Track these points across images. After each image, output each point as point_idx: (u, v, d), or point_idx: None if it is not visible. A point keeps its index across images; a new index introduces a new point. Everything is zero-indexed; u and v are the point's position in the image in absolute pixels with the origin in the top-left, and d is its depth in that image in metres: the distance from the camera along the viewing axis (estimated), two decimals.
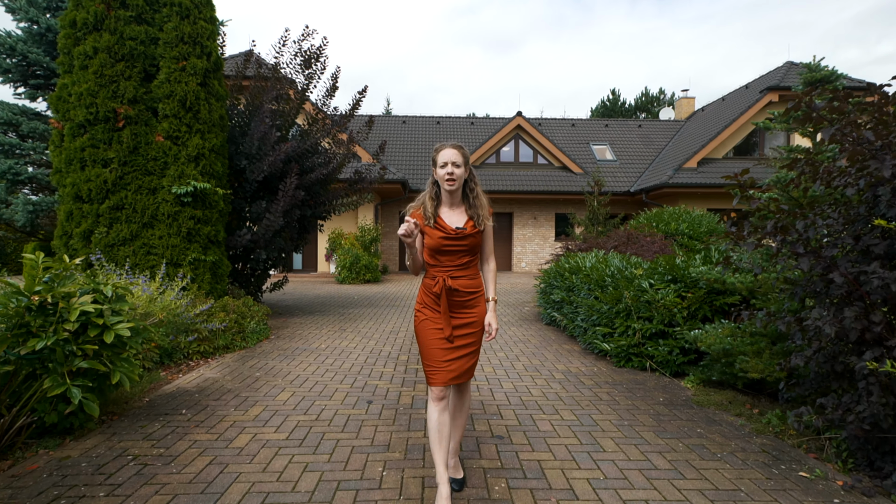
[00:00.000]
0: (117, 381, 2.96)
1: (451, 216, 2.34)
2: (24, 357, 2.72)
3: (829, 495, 2.40)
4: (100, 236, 5.72)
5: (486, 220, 2.36)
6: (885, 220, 2.28)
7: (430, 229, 2.29)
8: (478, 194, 2.38)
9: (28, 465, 2.63)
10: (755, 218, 2.90)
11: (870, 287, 2.34)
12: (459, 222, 2.32)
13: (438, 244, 2.28)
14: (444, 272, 2.30)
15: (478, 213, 2.34)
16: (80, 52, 5.75)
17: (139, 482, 2.47)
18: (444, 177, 2.27)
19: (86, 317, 2.92)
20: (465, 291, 2.32)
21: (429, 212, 2.31)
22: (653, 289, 4.97)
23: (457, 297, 2.31)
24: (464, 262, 2.33)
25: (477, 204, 2.36)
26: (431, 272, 2.35)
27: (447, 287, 2.28)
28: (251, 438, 3.06)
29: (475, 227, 2.32)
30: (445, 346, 2.30)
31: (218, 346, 5.43)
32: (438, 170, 2.30)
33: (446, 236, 2.27)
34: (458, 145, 2.30)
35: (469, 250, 2.32)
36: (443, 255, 2.30)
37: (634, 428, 3.30)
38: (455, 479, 2.47)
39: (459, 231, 2.29)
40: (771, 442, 3.05)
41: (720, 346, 3.89)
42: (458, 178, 2.28)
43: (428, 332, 2.33)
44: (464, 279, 2.32)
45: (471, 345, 2.36)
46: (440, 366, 2.28)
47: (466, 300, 2.33)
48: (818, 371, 2.74)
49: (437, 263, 2.32)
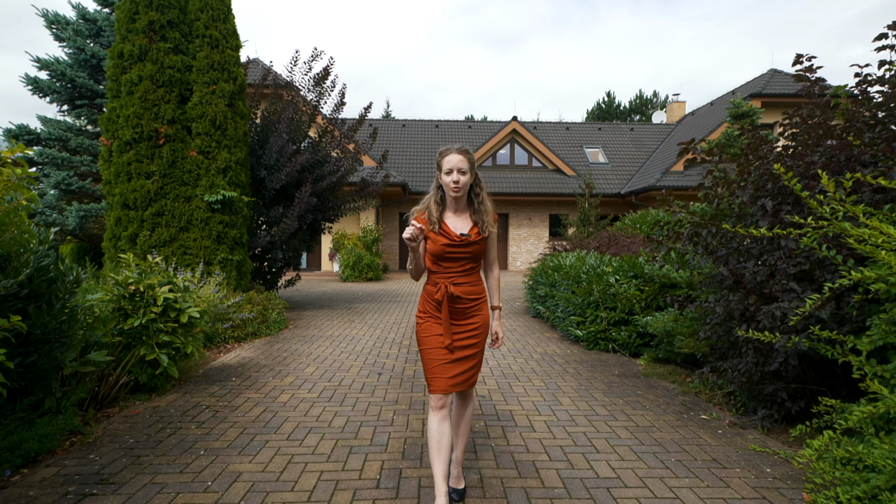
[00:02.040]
0: (190, 352, 3.88)
1: (455, 222, 2.29)
2: (125, 332, 3.64)
3: (717, 429, 3.32)
4: (144, 239, 6.64)
5: (491, 226, 2.31)
6: (756, 230, 3.20)
7: (434, 235, 2.24)
8: (483, 200, 2.32)
9: (132, 410, 3.55)
10: (671, 227, 3.82)
11: (746, 278, 3.26)
12: (464, 228, 2.27)
13: (442, 251, 2.23)
14: (447, 278, 2.26)
15: (483, 220, 2.29)
16: (127, 80, 6.66)
17: (216, 421, 3.39)
18: (450, 184, 2.21)
19: (166, 302, 3.83)
20: (467, 298, 2.27)
21: (433, 217, 2.25)
22: (618, 283, 5.88)
23: (459, 305, 2.27)
24: (467, 268, 2.28)
25: (482, 210, 2.31)
26: (433, 278, 2.31)
27: (449, 294, 2.23)
28: (291, 396, 3.97)
29: (480, 233, 2.27)
30: (446, 354, 2.25)
31: (247, 332, 6.34)
32: (443, 176, 2.23)
33: (450, 243, 2.23)
34: (465, 150, 2.22)
35: (473, 257, 2.28)
36: (446, 262, 2.26)
37: (588, 391, 4.22)
38: (456, 490, 2.37)
39: (464, 238, 2.23)
40: (690, 399, 3.97)
41: (664, 329, 4.81)
42: (464, 186, 2.23)
43: (429, 340, 2.29)
44: (466, 286, 2.27)
45: (473, 355, 2.31)
46: (440, 373, 2.25)
47: (469, 307, 2.29)
48: (717, 342, 3.65)
49: (440, 269, 2.28)
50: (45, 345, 2.89)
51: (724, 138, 5.05)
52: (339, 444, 3.04)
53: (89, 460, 2.74)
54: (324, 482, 2.55)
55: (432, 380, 2.26)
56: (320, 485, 2.53)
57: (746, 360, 3.29)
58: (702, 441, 3.12)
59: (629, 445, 3.06)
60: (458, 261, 2.26)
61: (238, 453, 2.88)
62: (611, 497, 2.43)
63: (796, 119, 3.39)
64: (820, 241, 2.70)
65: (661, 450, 2.99)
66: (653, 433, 3.26)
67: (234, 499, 2.37)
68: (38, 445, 2.63)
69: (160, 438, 3.07)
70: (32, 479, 2.52)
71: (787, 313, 2.78)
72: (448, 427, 2.25)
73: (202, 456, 2.83)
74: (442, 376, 2.24)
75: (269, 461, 2.79)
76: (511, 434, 3.26)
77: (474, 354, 2.32)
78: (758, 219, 3.15)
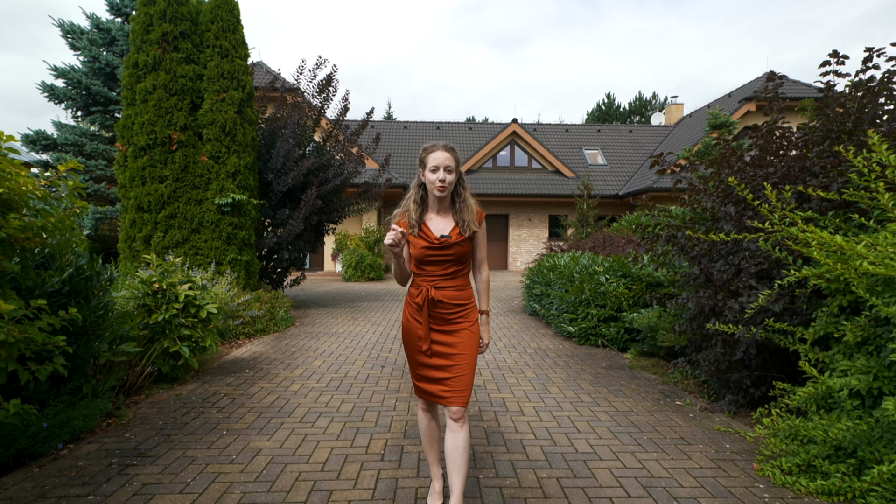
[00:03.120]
0: (208, 345, 4.23)
1: (437, 223, 2.18)
2: (150, 326, 3.98)
3: (689, 413, 3.65)
4: (158, 240, 7.00)
5: (474, 225, 2.18)
6: (715, 236, 3.53)
7: (413, 238, 2.15)
8: (465, 199, 2.20)
9: (158, 397, 3.89)
10: (650, 229, 4.15)
11: (714, 276, 3.59)
12: (445, 230, 2.16)
13: (422, 254, 2.13)
14: (429, 282, 2.16)
15: (464, 219, 2.16)
16: (142, 89, 7.01)
17: (234, 406, 3.73)
18: (436, 183, 2.10)
19: (187, 299, 4.18)
20: (450, 303, 2.15)
21: (413, 219, 2.16)
22: (608, 282, 6.21)
23: (441, 310, 2.15)
24: (450, 271, 2.16)
25: (463, 209, 2.18)
26: (416, 281, 2.22)
27: (430, 298, 2.13)
28: (301, 386, 4.31)
29: (461, 234, 2.15)
30: (423, 359, 2.19)
31: (257, 329, 6.69)
32: (428, 174, 2.12)
33: (429, 246, 2.13)
34: (450, 147, 2.13)
35: (456, 259, 2.16)
36: (428, 265, 2.16)
37: (576, 381, 4.55)
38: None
39: (444, 240, 2.12)
40: (669, 388, 4.31)
41: (648, 325, 5.14)
42: (450, 185, 2.13)
43: (410, 341, 2.24)
44: (450, 290, 2.16)
45: (452, 366, 2.15)
46: (416, 378, 2.25)
47: (452, 313, 2.17)
48: (692, 335, 3.99)
49: (423, 273, 2.18)
50: (83, 336, 3.24)
51: (703, 147, 5.43)
52: (347, 426, 3.38)
53: (125, 438, 3.09)
54: (335, 456, 2.90)
55: (414, 382, 2.27)
56: (332, 458, 2.87)
57: (715, 351, 3.63)
58: (673, 423, 3.45)
59: (607, 426, 3.39)
60: (441, 264, 2.15)
61: (257, 433, 3.22)
62: (586, 468, 2.77)
63: (762, 132, 3.72)
64: (775, 244, 3.04)
65: (635, 430, 3.33)
66: (630, 416, 3.59)
67: (258, 468, 2.71)
68: (82, 424, 2.98)
69: (186, 421, 3.41)
70: (79, 452, 2.86)
71: (745, 307, 3.11)
72: (436, 425, 2.32)
73: (225, 435, 3.18)
74: (420, 381, 2.23)
75: (286, 439, 3.13)
76: (502, 418, 3.60)
77: (455, 366, 2.14)
78: (723, 223, 3.48)
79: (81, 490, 2.43)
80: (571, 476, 2.68)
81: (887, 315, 2.25)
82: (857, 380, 2.41)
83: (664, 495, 2.46)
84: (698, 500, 2.41)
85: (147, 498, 2.37)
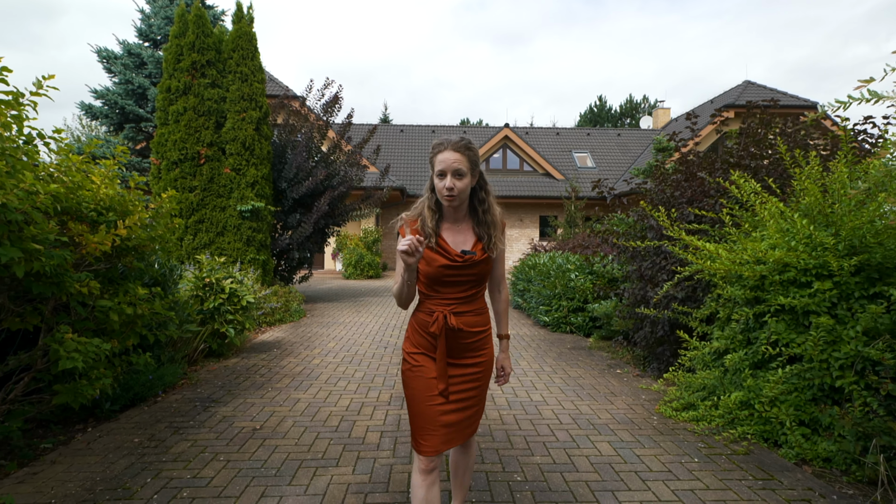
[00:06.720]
0: (248, 327, 5.29)
1: (454, 235, 1.82)
2: (203, 312, 5.04)
3: (624, 378, 4.74)
4: (188, 242, 8.04)
5: (500, 241, 1.84)
6: (640, 243, 4.62)
7: (428, 252, 1.76)
8: (489, 207, 1.84)
9: (210, 367, 4.96)
10: (601, 234, 5.23)
11: (643, 272, 4.67)
12: (466, 244, 1.81)
13: (439, 273, 1.77)
14: (445, 306, 1.79)
15: (489, 234, 1.82)
16: (174, 111, 8.05)
17: (272, 373, 4.79)
18: (443, 191, 1.74)
19: (231, 291, 5.23)
20: (469, 331, 1.82)
21: (428, 228, 1.77)
22: (577, 278, 7.30)
23: (462, 340, 1.81)
24: (470, 294, 1.82)
25: (488, 220, 1.83)
26: (428, 305, 1.83)
27: (448, 327, 1.77)
28: (321, 361, 5.38)
29: (485, 251, 1.80)
30: (440, 402, 1.80)
31: (275, 319, 7.75)
32: (436, 179, 1.76)
33: (450, 264, 1.76)
34: (462, 144, 1.73)
35: (478, 280, 1.82)
36: (444, 286, 1.80)
37: (542, 358, 5.63)
38: None
39: (468, 257, 1.76)
40: (615, 362, 5.39)
41: (605, 313, 6.23)
42: (460, 193, 1.75)
43: (419, 384, 1.82)
44: (469, 315, 1.82)
45: (472, 398, 1.86)
46: (432, 429, 1.79)
47: (472, 342, 1.84)
48: (631, 319, 5.07)
49: (435, 294, 1.81)
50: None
51: (648, 167, 6.47)
52: (361, 385, 4.45)
53: (198, 392, 4.15)
54: (354, 403, 3.97)
55: (423, 437, 1.79)
56: (352, 404, 3.94)
57: (646, 331, 4.71)
58: (609, 384, 4.54)
59: (559, 387, 4.47)
60: (460, 285, 1.80)
61: (294, 390, 4.29)
62: (536, 409, 3.85)
63: (682, 159, 4.80)
64: (683, 247, 4.12)
65: (579, 388, 4.41)
66: (578, 381, 4.68)
67: (301, 409, 3.78)
68: (172, 378, 4.05)
69: (238, 382, 4.48)
70: (170, 399, 3.93)
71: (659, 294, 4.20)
72: (437, 493, 1.81)
73: (270, 391, 4.24)
74: (434, 433, 1.78)
75: (316, 393, 4.20)
76: None
77: (476, 400, 1.87)
78: (647, 232, 4.57)
79: (183, 419, 3.50)
80: (524, 414, 3.75)
81: (730, 296, 3.33)
82: (719, 343, 3.49)
83: (585, 422, 3.55)
84: (608, 425, 3.49)
85: (231, 421, 3.45)
